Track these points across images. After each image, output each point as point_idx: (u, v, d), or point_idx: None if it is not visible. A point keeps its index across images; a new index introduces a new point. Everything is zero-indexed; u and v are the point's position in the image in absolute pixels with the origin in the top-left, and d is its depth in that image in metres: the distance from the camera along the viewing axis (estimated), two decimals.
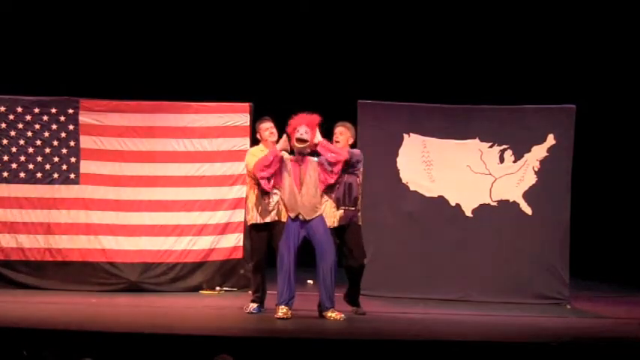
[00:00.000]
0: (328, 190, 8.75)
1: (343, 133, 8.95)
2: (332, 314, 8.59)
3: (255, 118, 10.48)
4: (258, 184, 8.87)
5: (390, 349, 7.32)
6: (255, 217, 8.94)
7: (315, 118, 8.61)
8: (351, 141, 9.00)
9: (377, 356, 7.26)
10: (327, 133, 8.91)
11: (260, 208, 8.90)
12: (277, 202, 8.87)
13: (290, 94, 12.47)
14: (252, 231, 9.05)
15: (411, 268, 10.36)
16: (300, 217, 8.62)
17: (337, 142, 8.91)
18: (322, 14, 13.04)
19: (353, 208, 8.86)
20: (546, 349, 7.39)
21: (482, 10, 12.86)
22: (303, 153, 8.64)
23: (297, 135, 8.53)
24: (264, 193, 8.86)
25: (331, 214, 8.82)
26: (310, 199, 8.63)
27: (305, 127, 8.54)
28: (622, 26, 12.74)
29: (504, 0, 12.87)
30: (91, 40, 12.75)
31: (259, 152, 8.94)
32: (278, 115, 9.17)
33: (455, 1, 12.97)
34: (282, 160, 8.67)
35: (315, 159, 8.73)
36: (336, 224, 8.81)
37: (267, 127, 9.01)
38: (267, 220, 8.89)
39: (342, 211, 8.82)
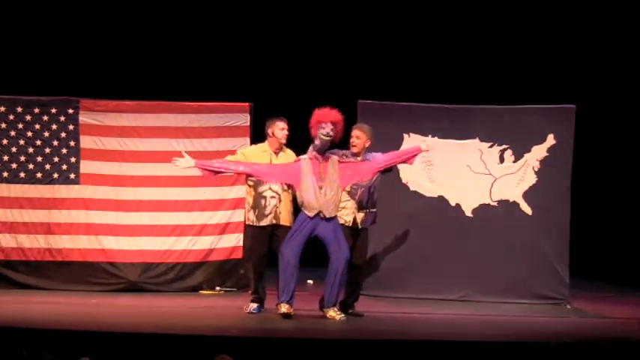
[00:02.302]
0: (352, 190, 8.77)
1: (360, 137, 8.92)
2: (333, 313, 8.59)
3: (255, 118, 10.53)
4: (255, 186, 8.88)
5: (390, 349, 7.32)
6: (251, 220, 8.94)
7: (339, 116, 8.59)
8: (367, 144, 8.95)
9: (377, 356, 7.26)
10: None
11: (257, 211, 8.89)
12: (275, 205, 8.86)
13: (290, 94, 12.47)
14: (249, 232, 9.05)
15: (411, 268, 10.36)
16: (321, 214, 8.59)
17: (354, 145, 8.90)
18: (322, 14, 13.04)
19: (374, 210, 8.90)
20: (546, 349, 7.39)
21: (482, 10, 12.86)
22: (324, 147, 8.61)
23: (323, 131, 8.51)
24: (261, 197, 8.86)
25: (352, 213, 8.81)
26: (332, 197, 8.60)
27: (331, 125, 8.52)
28: (622, 26, 12.74)
29: (504, 0, 12.87)
30: (91, 40, 12.75)
31: (258, 153, 8.93)
32: (278, 116, 9.17)
33: (455, 1, 12.97)
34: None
35: (336, 157, 8.73)
36: (359, 226, 8.82)
37: (284, 127, 8.96)
38: (263, 223, 8.87)
39: (364, 214, 8.84)
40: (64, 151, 10.48)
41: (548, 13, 12.83)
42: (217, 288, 10.50)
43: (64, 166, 10.48)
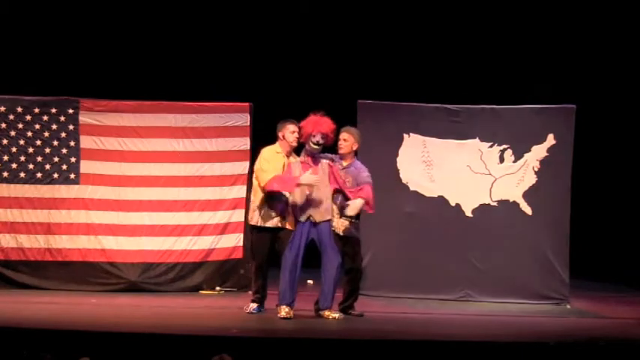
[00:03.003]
0: (334, 195, 8.76)
1: (348, 139, 8.93)
2: (329, 313, 8.62)
3: (255, 118, 10.54)
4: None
5: (390, 349, 7.32)
6: (257, 220, 8.88)
7: (331, 125, 8.62)
8: (355, 147, 8.97)
9: (377, 356, 7.26)
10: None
11: (262, 211, 8.85)
12: (282, 208, 8.81)
13: (290, 94, 12.47)
14: (254, 232, 8.99)
15: (411, 268, 10.36)
16: (311, 218, 8.63)
17: (340, 147, 8.90)
18: (322, 15, 13.04)
19: (357, 221, 8.88)
20: (546, 349, 7.39)
21: (482, 10, 12.86)
22: (314, 154, 8.66)
23: (314, 140, 8.59)
24: (270, 198, 8.82)
25: (335, 219, 8.79)
26: (322, 202, 8.63)
27: (321, 134, 8.58)
28: (622, 26, 12.74)
29: (504, 0, 12.87)
30: (91, 40, 12.76)
31: (274, 156, 8.87)
32: (278, 115, 9.17)
33: (455, 1, 12.98)
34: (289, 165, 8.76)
35: (326, 161, 8.74)
36: (340, 233, 8.80)
37: (294, 130, 8.89)
38: (269, 225, 8.81)
39: (348, 222, 8.81)
40: (64, 151, 10.49)
41: (548, 13, 12.83)
42: (217, 288, 10.50)
43: (64, 166, 10.48)
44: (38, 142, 10.47)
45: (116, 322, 8.29)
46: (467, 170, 10.47)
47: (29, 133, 10.46)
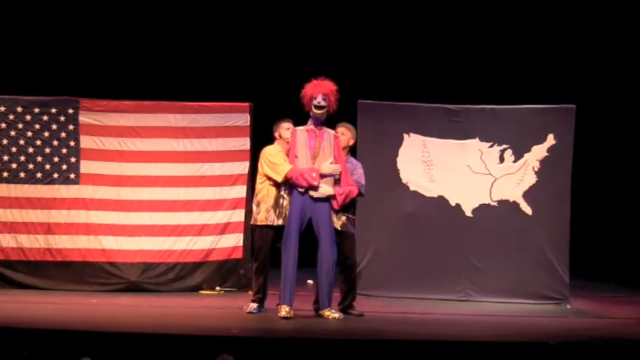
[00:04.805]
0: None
1: (344, 133, 8.96)
2: (330, 313, 8.60)
3: (255, 118, 10.54)
4: (276, 186, 8.82)
5: (390, 349, 7.32)
6: (271, 220, 8.84)
7: (331, 86, 8.63)
8: (351, 142, 9.01)
9: (377, 356, 7.26)
10: None
11: (277, 210, 8.83)
12: (286, 206, 8.79)
13: (290, 94, 12.43)
14: (259, 232, 8.95)
15: (411, 268, 10.36)
16: (309, 192, 8.59)
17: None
18: (322, 15, 13.04)
19: (354, 217, 8.87)
20: (546, 349, 7.39)
21: (482, 10, 12.87)
22: (320, 119, 8.62)
23: (315, 102, 8.55)
24: (280, 196, 8.76)
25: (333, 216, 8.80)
26: (324, 174, 8.61)
27: (322, 95, 8.56)
28: (622, 26, 12.74)
29: (504, 0, 12.87)
30: (91, 40, 12.76)
31: (277, 153, 8.86)
32: (278, 115, 9.18)
33: (455, 1, 12.98)
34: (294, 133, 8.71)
35: (332, 131, 8.73)
36: (338, 228, 8.79)
37: (289, 127, 8.93)
38: (280, 222, 8.78)
39: (345, 218, 8.81)
40: (64, 151, 10.49)
41: (548, 13, 12.83)
42: (217, 288, 10.50)
43: (64, 166, 10.48)
44: (38, 142, 10.47)
45: (116, 322, 8.29)
46: (467, 170, 10.47)
47: (29, 133, 10.47)
